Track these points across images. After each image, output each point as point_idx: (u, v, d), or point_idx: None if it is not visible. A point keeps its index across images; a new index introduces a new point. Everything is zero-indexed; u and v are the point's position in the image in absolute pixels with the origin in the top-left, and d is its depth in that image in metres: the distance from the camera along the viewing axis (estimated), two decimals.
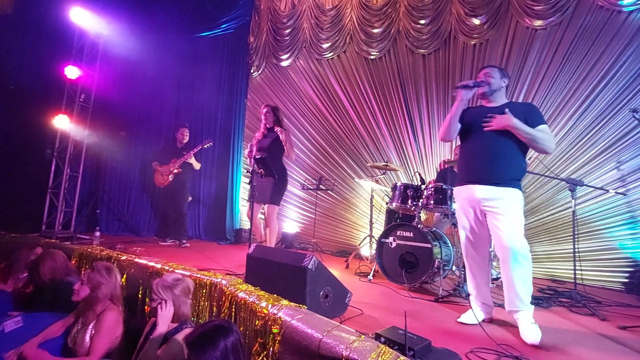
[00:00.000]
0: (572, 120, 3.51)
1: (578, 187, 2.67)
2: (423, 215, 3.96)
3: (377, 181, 3.99)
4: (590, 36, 3.45)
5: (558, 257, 3.42)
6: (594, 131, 3.40)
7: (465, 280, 2.40)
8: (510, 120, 1.99)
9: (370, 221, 3.69)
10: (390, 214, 3.79)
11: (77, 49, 4.83)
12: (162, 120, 5.45)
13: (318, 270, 2.05)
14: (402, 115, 4.53)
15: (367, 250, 3.75)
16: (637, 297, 2.90)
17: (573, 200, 2.65)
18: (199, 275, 2.39)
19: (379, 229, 4.12)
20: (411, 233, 2.95)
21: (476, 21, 4.09)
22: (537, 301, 2.66)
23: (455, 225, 2.97)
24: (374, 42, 4.76)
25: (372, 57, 4.79)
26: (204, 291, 2.34)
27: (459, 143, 2.33)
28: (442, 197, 2.99)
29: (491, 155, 2.07)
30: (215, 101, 5.59)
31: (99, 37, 4.96)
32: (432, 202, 3.01)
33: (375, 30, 4.77)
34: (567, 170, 3.47)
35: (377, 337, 1.66)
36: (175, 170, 4.46)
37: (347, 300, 2.24)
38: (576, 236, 2.66)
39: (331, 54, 5.06)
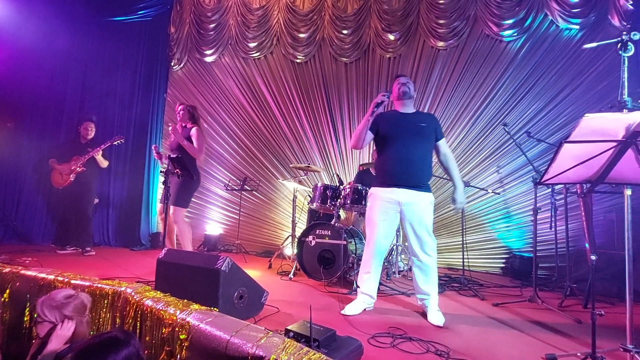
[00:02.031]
0: (465, 130, 4.09)
1: (466, 187, 3.12)
2: (344, 214, 4.20)
3: (300, 182, 4.11)
4: (480, 59, 4.06)
5: (453, 248, 3.96)
6: (480, 140, 4.01)
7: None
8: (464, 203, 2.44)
9: (293, 221, 3.79)
10: (312, 213, 3.94)
11: None
12: (62, 112, 4.80)
13: (232, 272, 2.05)
14: (325, 118, 4.73)
15: (290, 249, 3.84)
16: (511, 279, 3.51)
17: (465, 203, 3.09)
18: (99, 285, 2.19)
19: (302, 228, 4.24)
20: (329, 231, 3.11)
21: (391, 37, 4.47)
22: None
23: None
24: (300, 47, 4.87)
25: (298, 60, 4.89)
26: (106, 302, 2.16)
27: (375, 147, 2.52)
28: (358, 197, 3.22)
29: (416, 161, 2.28)
30: (130, 94, 5.12)
31: None
32: (349, 201, 3.21)
33: (302, 35, 4.88)
34: (462, 173, 4.02)
35: (287, 332, 1.74)
36: (78, 169, 3.98)
37: (263, 299, 2.28)
38: (465, 230, 3.10)
39: (258, 53, 5.03)
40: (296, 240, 3.32)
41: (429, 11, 4.29)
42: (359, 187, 3.22)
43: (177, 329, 1.75)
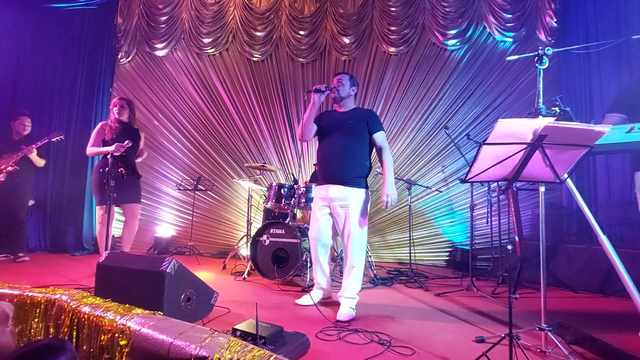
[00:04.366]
0: (414, 131, 4.33)
1: (413, 185, 3.32)
2: (300, 213, 4.24)
3: (256, 181, 4.09)
4: (427, 66, 4.32)
5: (403, 243, 4.17)
6: (427, 141, 4.28)
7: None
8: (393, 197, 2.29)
9: (248, 221, 3.76)
10: (267, 212, 3.94)
11: None
12: None
13: (178, 274, 2.00)
14: (282, 118, 4.74)
15: (246, 250, 3.80)
16: (453, 270, 3.78)
17: (409, 197, 3.29)
18: (30, 294, 2.03)
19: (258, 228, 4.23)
20: (282, 230, 3.14)
21: (346, 40, 4.59)
22: (383, 281, 3.20)
23: None
24: (256, 45, 4.83)
25: (254, 59, 4.85)
26: (38, 311, 2.00)
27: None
28: (312, 197, 3.28)
29: (339, 157, 2.32)
30: (70, 87, 4.74)
31: None
32: (303, 200, 3.26)
33: (259, 34, 4.85)
34: (410, 172, 4.27)
35: (234, 331, 1.75)
36: (10, 168, 3.62)
37: (212, 301, 2.25)
38: (412, 226, 3.29)
39: (212, 49, 4.91)
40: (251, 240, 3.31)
41: (381, 17, 4.47)
42: (312, 186, 3.29)
43: (116, 335, 1.68)
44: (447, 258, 4.02)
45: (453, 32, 4.18)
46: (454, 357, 1.71)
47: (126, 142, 2.88)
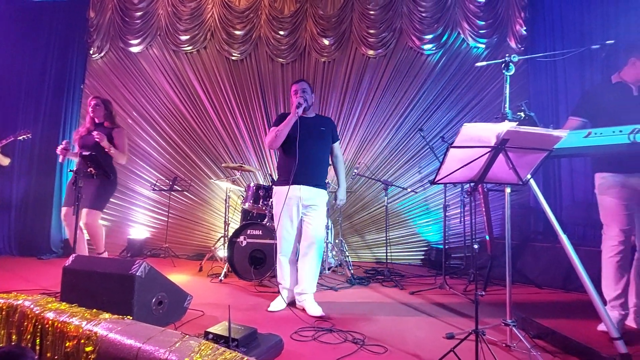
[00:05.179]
0: (392, 133, 4.41)
1: (390, 187, 3.38)
2: None
3: (234, 182, 4.04)
4: (405, 69, 4.41)
5: (381, 243, 4.24)
6: (404, 143, 4.37)
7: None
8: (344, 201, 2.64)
9: (225, 222, 3.71)
10: (245, 213, 3.90)
11: None
12: None
13: (149, 277, 1.96)
14: (261, 118, 4.71)
15: (224, 251, 3.75)
16: (428, 269, 3.87)
17: (386, 198, 3.34)
18: None
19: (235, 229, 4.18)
20: (260, 231, 3.12)
21: (326, 41, 4.62)
22: (360, 281, 3.24)
23: None
24: (235, 44, 4.77)
25: (233, 57, 4.80)
26: None
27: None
28: None
29: (313, 161, 2.44)
30: (39, 83, 4.54)
31: None
32: None
33: (237, 32, 4.79)
34: (388, 174, 4.34)
35: (206, 334, 1.72)
36: None
37: (186, 304, 2.21)
38: (389, 226, 3.34)
39: (190, 47, 4.82)
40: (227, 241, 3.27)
41: (360, 20, 4.52)
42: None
43: (82, 341, 1.62)
44: (423, 257, 4.11)
45: (429, 36, 4.28)
46: (425, 354, 1.76)
47: (95, 132, 2.78)
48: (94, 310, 1.80)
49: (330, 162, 2.64)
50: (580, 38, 3.60)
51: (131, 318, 1.76)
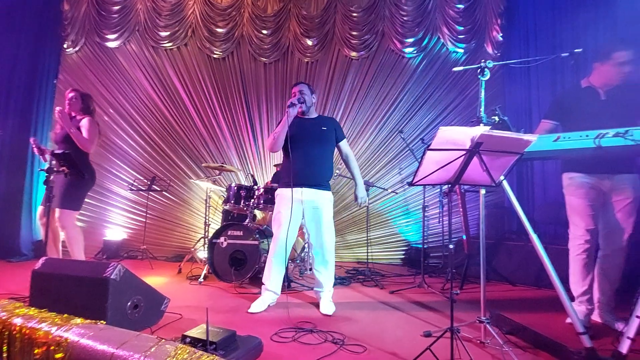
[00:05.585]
0: (374, 134, 4.47)
1: (370, 187, 3.42)
2: (260, 214, 4.20)
3: (215, 182, 3.98)
4: (386, 71, 4.47)
5: (362, 243, 4.29)
6: (386, 144, 4.44)
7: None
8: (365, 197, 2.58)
9: (205, 222, 3.66)
10: (226, 214, 3.86)
11: None
12: None
13: (124, 280, 1.90)
14: (243, 117, 4.66)
15: (204, 252, 3.69)
16: (408, 268, 3.94)
17: (367, 199, 3.37)
18: None
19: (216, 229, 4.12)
20: (241, 232, 3.09)
21: (309, 42, 4.62)
22: (341, 281, 3.26)
23: None
24: (217, 42, 4.71)
25: (215, 55, 4.73)
26: None
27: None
28: (271, 197, 3.24)
29: (314, 162, 2.44)
30: (8, 77, 4.31)
31: None
32: (262, 201, 3.23)
33: (220, 30, 4.73)
34: (369, 175, 4.40)
35: (183, 338, 1.69)
36: None
37: (163, 307, 2.17)
38: (370, 226, 3.38)
39: (170, 44, 4.71)
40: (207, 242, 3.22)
41: (343, 22, 4.56)
42: (272, 187, 3.27)
43: (52, 347, 1.56)
44: (403, 256, 4.19)
45: (410, 40, 4.36)
46: (403, 352, 1.79)
47: (57, 109, 2.65)
48: (65, 315, 1.74)
49: (342, 162, 2.66)
50: (552, 45, 3.75)
51: (104, 323, 1.71)
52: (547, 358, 1.75)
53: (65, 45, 4.68)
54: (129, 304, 1.93)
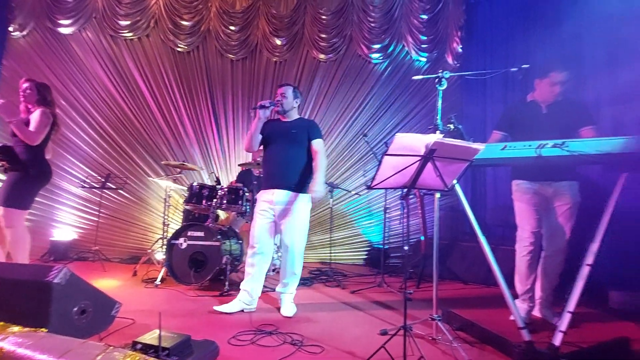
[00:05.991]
0: (340, 137, 4.55)
1: (335, 189, 3.47)
2: (224, 214, 4.10)
3: (175, 180, 3.84)
4: (353, 75, 4.57)
5: (326, 244, 4.33)
6: (351, 147, 4.53)
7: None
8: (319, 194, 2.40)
9: (164, 223, 3.51)
10: (187, 214, 3.73)
11: None
12: None
13: (70, 284, 1.78)
14: (208, 114, 4.54)
15: (162, 254, 3.54)
16: (370, 268, 4.04)
17: (331, 200, 3.43)
18: None
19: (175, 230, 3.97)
20: (202, 232, 3.01)
21: (278, 41, 4.60)
22: (304, 281, 3.27)
23: (248, 222, 3.23)
24: (182, 34, 4.55)
25: (179, 49, 4.57)
26: None
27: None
28: (235, 197, 3.20)
29: (284, 164, 2.44)
30: None
31: None
32: (225, 201, 3.16)
33: (185, 23, 4.57)
34: (335, 176, 4.46)
35: (134, 344, 1.62)
36: None
37: (114, 312, 2.05)
38: (334, 227, 3.43)
39: (131, 34, 4.48)
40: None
41: (312, 24, 4.58)
42: (236, 187, 3.22)
43: None
44: (366, 257, 4.29)
45: (377, 46, 4.48)
46: (359, 350, 1.83)
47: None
48: (1, 323, 1.60)
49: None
50: (506, 60, 4.01)
51: (46, 330, 1.60)
52: (492, 352, 1.87)
53: (11, 29, 4.29)
54: (75, 309, 1.82)
